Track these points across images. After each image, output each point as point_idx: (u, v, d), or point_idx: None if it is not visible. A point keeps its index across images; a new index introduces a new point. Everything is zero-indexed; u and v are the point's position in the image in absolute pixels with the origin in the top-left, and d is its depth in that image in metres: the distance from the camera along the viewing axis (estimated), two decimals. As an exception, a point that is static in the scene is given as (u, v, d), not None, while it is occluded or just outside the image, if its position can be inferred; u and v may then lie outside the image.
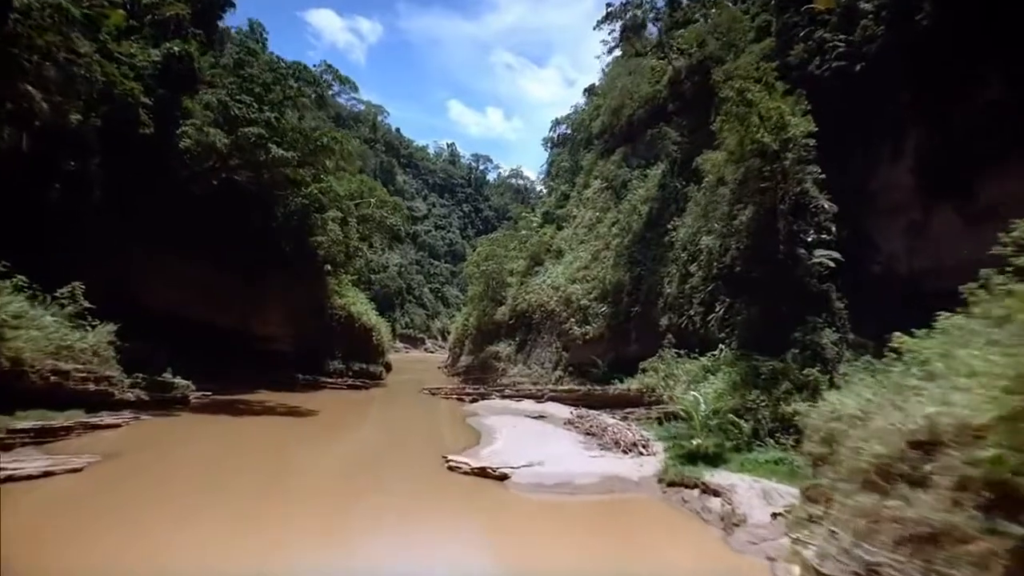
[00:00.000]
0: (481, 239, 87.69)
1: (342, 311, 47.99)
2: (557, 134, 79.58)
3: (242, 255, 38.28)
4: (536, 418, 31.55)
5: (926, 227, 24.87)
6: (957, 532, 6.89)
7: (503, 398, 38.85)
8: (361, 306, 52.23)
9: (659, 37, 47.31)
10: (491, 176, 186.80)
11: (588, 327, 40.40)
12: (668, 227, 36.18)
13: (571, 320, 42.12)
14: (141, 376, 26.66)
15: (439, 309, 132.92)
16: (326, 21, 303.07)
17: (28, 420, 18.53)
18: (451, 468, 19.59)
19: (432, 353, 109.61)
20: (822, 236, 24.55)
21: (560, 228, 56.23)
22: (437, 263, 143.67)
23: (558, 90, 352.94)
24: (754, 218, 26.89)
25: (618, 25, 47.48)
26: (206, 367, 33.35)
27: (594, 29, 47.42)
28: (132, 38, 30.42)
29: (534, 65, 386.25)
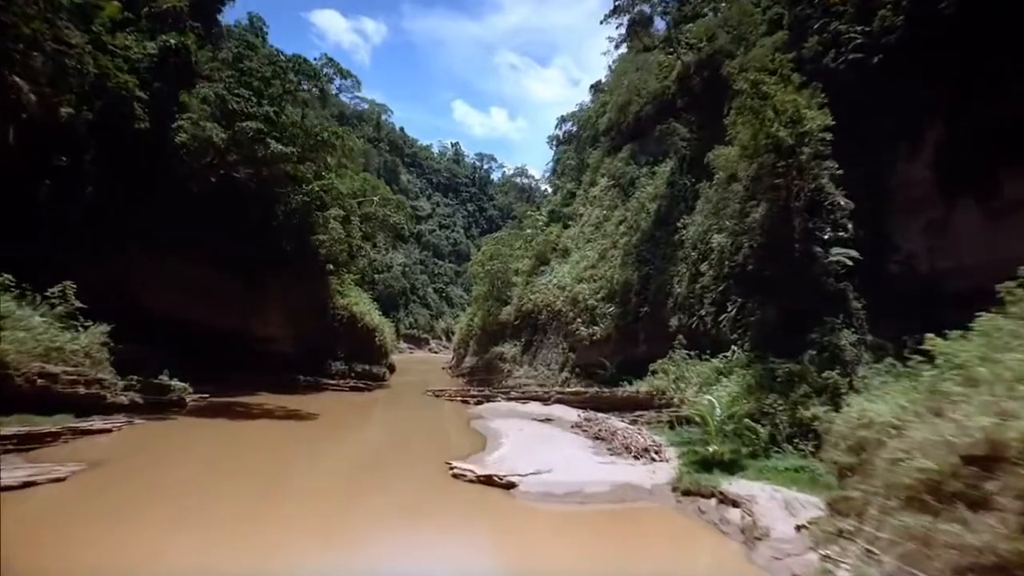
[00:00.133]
0: (486, 238, 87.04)
1: (344, 311, 47.20)
2: (563, 131, 78.41)
3: (242, 254, 37.58)
4: (543, 421, 30.83)
5: (946, 224, 23.92)
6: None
7: (509, 400, 37.99)
8: (364, 306, 51.44)
9: (667, 32, 46.39)
10: (495, 175, 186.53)
11: (595, 328, 39.54)
12: (677, 225, 35.38)
13: (578, 320, 41.28)
14: (136, 378, 25.86)
15: (443, 309, 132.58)
16: (330, 22, 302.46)
17: (12, 426, 17.66)
18: (455, 476, 18.80)
19: (436, 354, 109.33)
20: (839, 234, 23.74)
21: (566, 227, 55.31)
22: (441, 263, 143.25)
23: (562, 90, 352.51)
24: (767, 215, 26.07)
25: (625, 19, 46.55)
26: (205, 369, 32.70)
27: (601, 23, 46.59)
28: (128, 30, 29.64)
29: (538, 65, 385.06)
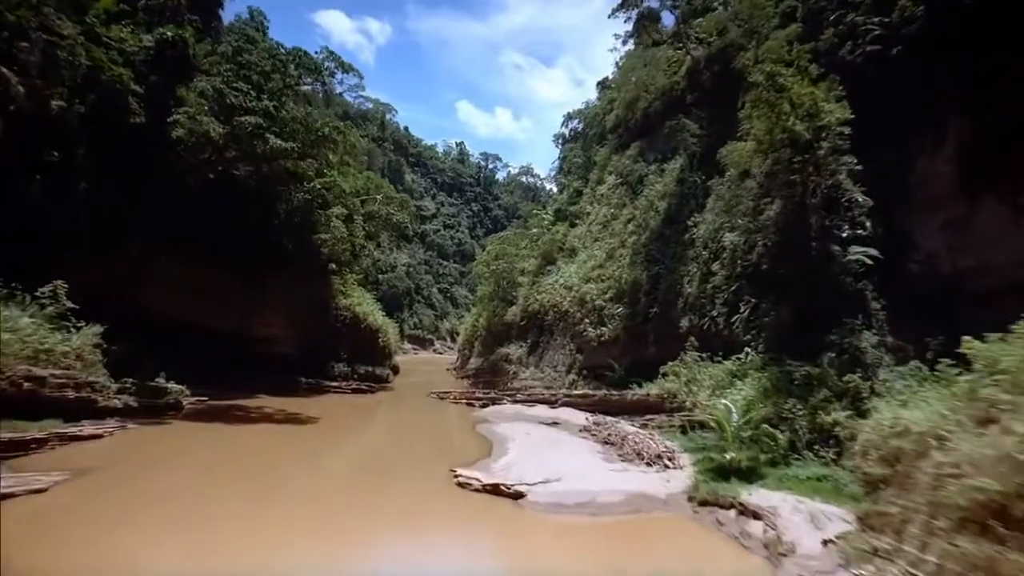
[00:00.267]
0: (491, 238, 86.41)
1: (347, 312, 46.37)
2: (569, 129, 77.48)
3: (242, 253, 36.88)
4: (550, 425, 30.04)
5: (968, 222, 22.91)
6: None
7: (515, 403, 37.11)
8: (367, 306, 50.58)
9: (676, 26, 45.49)
10: (500, 175, 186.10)
11: (603, 329, 38.63)
12: (688, 223, 34.47)
13: (585, 321, 40.37)
14: (130, 381, 25.06)
15: (448, 310, 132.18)
16: (335, 22, 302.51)
17: (-6, 432, 16.81)
18: (461, 484, 17.90)
19: (441, 354, 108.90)
20: (857, 232, 22.95)
21: (573, 226, 54.40)
22: (446, 263, 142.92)
23: (567, 90, 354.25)
24: (782, 212, 25.33)
25: (634, 13, 45.76)
26: (204, 370, 31.98)
27: (609, 17, 45.81)
28: (124, 22, 28.84)
29: (543, 65, 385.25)
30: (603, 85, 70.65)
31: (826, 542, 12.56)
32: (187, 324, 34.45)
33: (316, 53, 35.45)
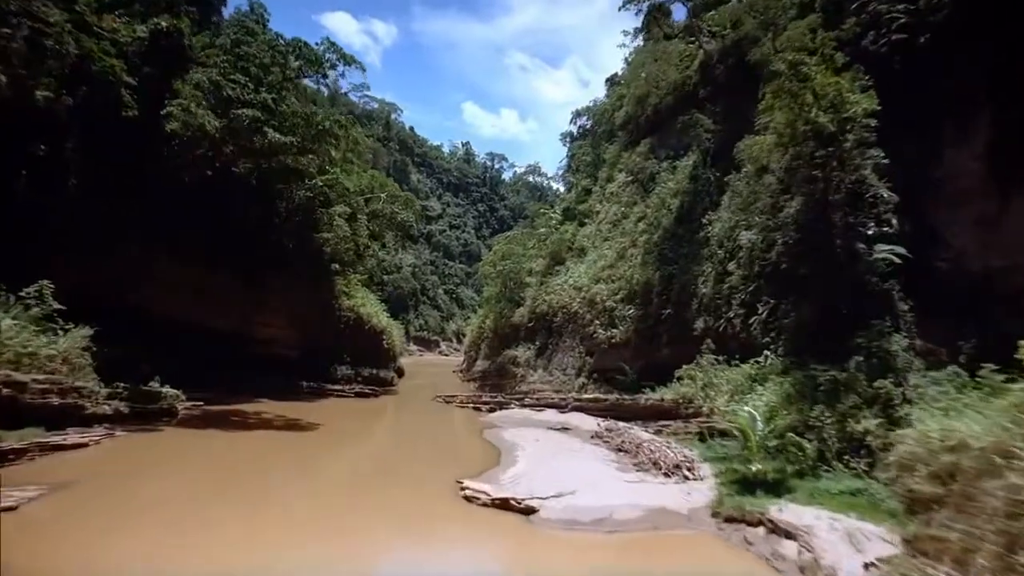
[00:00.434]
0: (498, 237, 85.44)
1: (351, 313, 45.30)
2: (577, 127, 76.25)
3: (242, 252, 35.92)
4: (559, 430, 28.99)
5: (1001, 218, 21.62)
6: None
7: (523, 407, 36.05)
8: (371, 308, 49.52)
9: (688, 19, 44.39)
10: (506, 175, 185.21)
11: (614, 330, 37.42)
12: (702, 221, 33.29)
13: (595, 323, 39.18)
14: (122, 386, 23.95)
15: (454, 311, 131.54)
16: (341, 24, 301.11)
17: (-32, 442, 15.66)
18: (467, 498, 16.70)
19: (447, 356, 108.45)
20: (883, 229, 21.72)
21: (582, 225, 53.21)
22: (452, 264, 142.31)
23: (573, 91, 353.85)
24: (803, 209, 24.14)
25: (645, 5, 44.63)
26: (201, 374, 31.05)
27: (620, 10, 44.59)
28: (117, 12, 27.81)
29: (548, 66, 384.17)
30: (612, 81, 69.40)
31: (868, 565, 11.46)
32: (187, 324, 33.57)
33: (316, 44, 34.41)
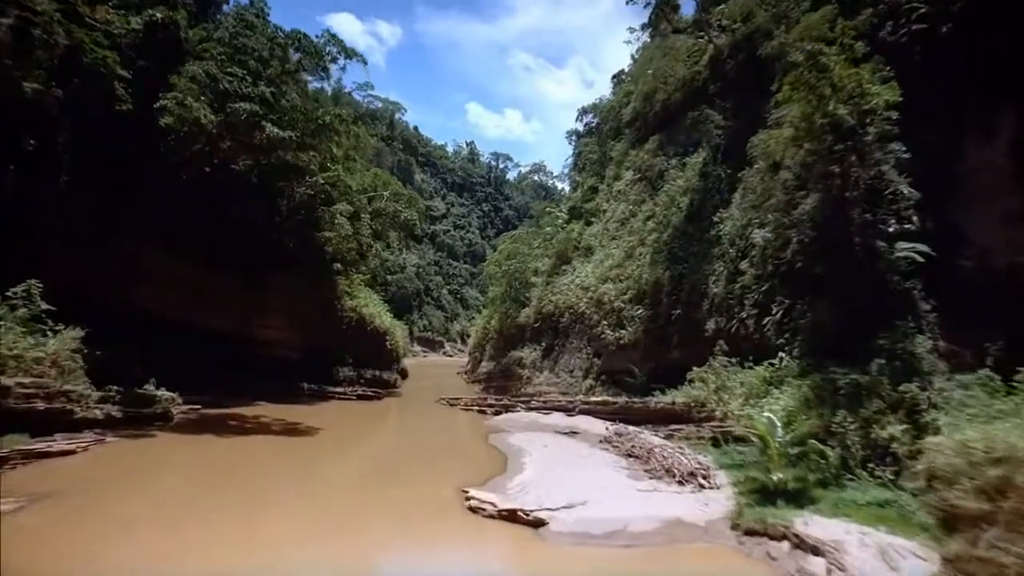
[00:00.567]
0: (503, 237, 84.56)
1: (353, 313, 44.49)
2: (583, 124, 75.13)
3: (242, 251, 35.24)
4: (567, 434, 28.15)
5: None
6: None
7: (529, 410, 35.26)
8: (374, 308, 48.74)
9: (697, 14, 43.43)
10: (511, 175, 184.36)
11: (623, 331, 36.45)
12: (713, 219, 32.38)
13: (603, 323, 38.26)
14: (115, 389, 23.18)
15: (458, 311, 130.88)
16: (345, 25, 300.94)
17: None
18: (473, 509, 15.83)
19: (451, 357, 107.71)
20: (904, 226, 20.78)
21: (589, 224, 52.13)
22: (456, 264, 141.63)
23: (577, 91, 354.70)
24: (819, 207, 23.11)
25: (652, 0, 43.63)
26: (201, 376, 30.52)
27: (627, 3, 43.61)
28: (110, 3, 26.94)
29: (552, 66, 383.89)
30: (618, 79, 68.37)
31: (903, 585, 10.58)
32: (186, 325, 32.83)
33: (317, 37, 33.57)
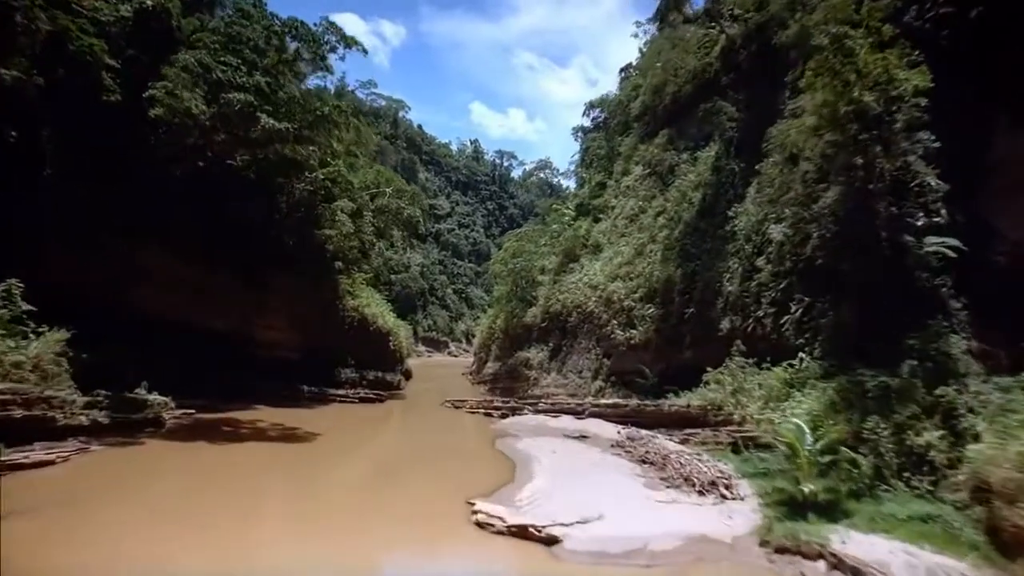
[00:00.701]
0: (508, 234, 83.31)
1: (355, 313, 43.39)
2: (591, 119, 73.73)
3: (241, 249, 34.26)
4: (577, 439, 27.00)
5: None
6: None
7: (537, 413, 34.05)
8: (377, 308, 47.68)
9: (708, 3, 42.35)
10: (516, 173, 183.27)
11: (633, 331, 35.29)
12: (727, 214, 31.11)
13: (613, 323, 37.12)
14: (103, 394, 22.04)
15: (463, 311, 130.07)
16: (349, 24, 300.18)
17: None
18: (480, 524, 14.65)
19: (456, 357, 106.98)
20: (933, 220, 19.60)
21: (597, 220, 50.93)
22: (461, 263, 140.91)
23: (581, 90, 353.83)
24: (841, 200, 21.89)
25: (662, -10, 42.70)
26: (200, 377, 29.66)
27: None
28: (98, -10, 26.01)
29: (556, 66, 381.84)
30: (625, 72, 67.01)
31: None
32: (185, 325, 31.94)
33: (315, 25, 32.53)
